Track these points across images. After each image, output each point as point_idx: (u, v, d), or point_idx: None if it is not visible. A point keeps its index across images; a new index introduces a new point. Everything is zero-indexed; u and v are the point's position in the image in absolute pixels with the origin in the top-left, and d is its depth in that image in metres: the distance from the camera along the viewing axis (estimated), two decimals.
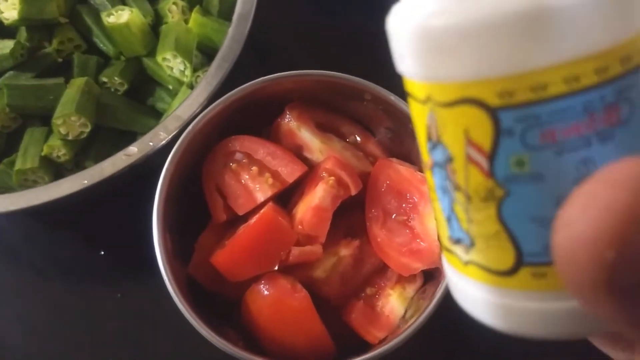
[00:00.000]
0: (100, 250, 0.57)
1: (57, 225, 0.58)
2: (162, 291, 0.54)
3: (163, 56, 0.52)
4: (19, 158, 0.51)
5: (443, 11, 0.17)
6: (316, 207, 0.41)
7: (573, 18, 0.16)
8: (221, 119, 0.44)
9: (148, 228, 0.51)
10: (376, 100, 0.43)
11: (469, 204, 0.19)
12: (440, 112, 0.18)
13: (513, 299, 0.19)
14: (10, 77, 0.52)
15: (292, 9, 0.64)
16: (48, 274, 0.56)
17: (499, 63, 0.17)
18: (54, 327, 0.55)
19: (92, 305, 0.56)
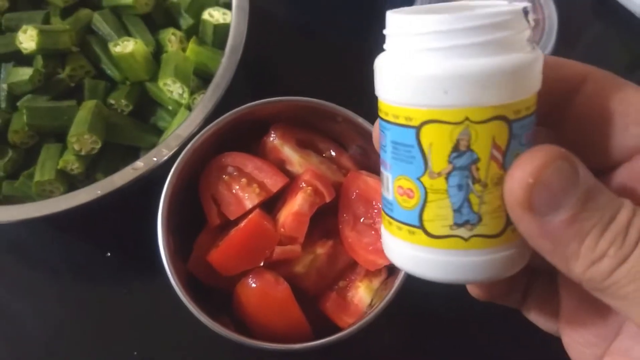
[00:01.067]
0: (107, 252, 0.63)
1: (70, 231, 0.64)
2: (165, 287, 0.60)
3: (164, 81, 0.59)
4: (38, 171, 0.57)
5: (481, 64, 0.25)
6: (296, 212, 0.48)
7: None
8: (216, 137, 0.51)
9: (151, 232, 0.58)
10: (347, 121, 0.51)
11: (484, 190, 0.26)
12: (476, 128, 0.26)
13: (500, 252, 0.28)
14: (29, 100, 0.59)
15: (279, 43, 0.71)
16: (62, 274, 0.62)
17: (514, 94, 0.26)
18: (66, 320, 0.60)
19: (101, 301, 0.61)
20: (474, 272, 0.28)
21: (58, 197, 0.52)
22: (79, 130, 0.56)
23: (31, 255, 0.64)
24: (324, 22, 0.74)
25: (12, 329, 0.61)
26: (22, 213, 0.51)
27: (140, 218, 0.61)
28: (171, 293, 0.60)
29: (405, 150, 0.27)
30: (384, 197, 0.30)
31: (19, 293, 0.63)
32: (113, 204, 0.59)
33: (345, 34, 0.73)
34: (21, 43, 0.59)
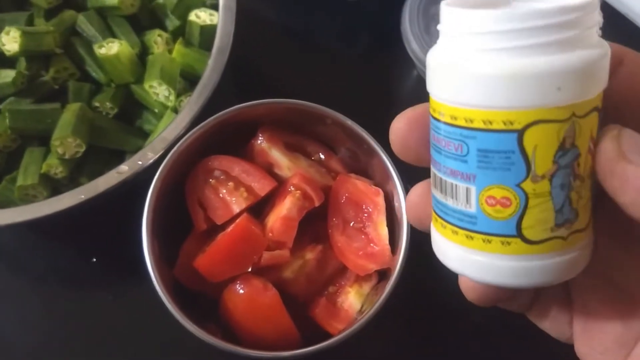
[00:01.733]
0: (92, 257, 0.62)
1: (53, 236, 0.63)
2: (150, 292, 0.59)
3: (150, 84, 0.58)
4: (20, 175, 0.56)
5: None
6: (284, 217, 0.47)
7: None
8: (202, 140, 0.50)
9: (137, 236, 0.57)
10: (336, 124, 0.50)
11: (582, 185, 0.26)
12: (580, 122, 0.25)
13: (588, 245, 0.27)
14: (12, 102, 0.57)
15: (266, 44, 0.71)
16: (45, 280, 0.61)
17: (603, 83, 0.26)
18: (51, 328, 0.59)
19: (86, 308, 0.60)
20: (574, 271, 0.27)
21: (41, 201, 0.50)
22: (63, 133, 0.55)
23: (14, 261, 0.62)
24: (312, 24, 0.74)
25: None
26: (5, 218, 0.50)
27: (126, 222, 0.60)
28: (157, 299, 0.59)
29: (502, 157, 0.25)
30: (458, 211, 0.27)
31: (1, 300, 0.61)
32: (98, 208, 0.58)
33: (334, 36, 0.72)
34: (4, 45, 0.58)
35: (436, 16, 0.63)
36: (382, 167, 0.48)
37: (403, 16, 0.63)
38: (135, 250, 0.60)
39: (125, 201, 0.57)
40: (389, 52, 0.69)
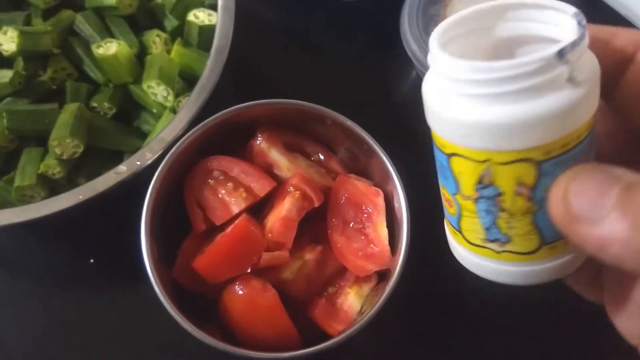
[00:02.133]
0: (90, 259, 0.62)
1: (50, 237, 0.62)
2: (148, 294, 0.59)
3: (148, 84, 0.58)
4: (18, 176, 0.56)
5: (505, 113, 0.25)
6: (284, 217, 0.47)
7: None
8: (201, 141, 0.50)
9: (135, 237, 0.57)
10: (336, 124, 0.50)
11: (511, 218, 0.28)
12: (498, 168, 0.26)
13: (535, 266, 0.29)
14: (9, 103, 0.57)
15: (265, 45, 0.70)
16: (42, 282, 0.60)
17: (541, 138, 0.25)
18: (47, 330, 0.59)
19: (83, 308, 0.60)
20: (509, 278, 0.31)
21: (38, 202, 0.50)
22: (61, 133, 0.54)
23: (10, 263, 0.62)
24: (311, 25, 0.73)
25: None
26: (2, 219, 0.49)
27: (124, 223, 0.59)
28: (156, 300, 0.58)
29: (442, 168, 0.29)
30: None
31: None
32: (96, 209, 0.58)
33: (334, 36, 0.72)
34: (1, 45, 0.57)
35: (435, 17, 0.63)
36: (381, 167, 0.48)
37: (402, 17, 0.62)
38: (133, 251, 0.60)
39: (123, 202, 0.57)
40: (388, 53, 0.69)
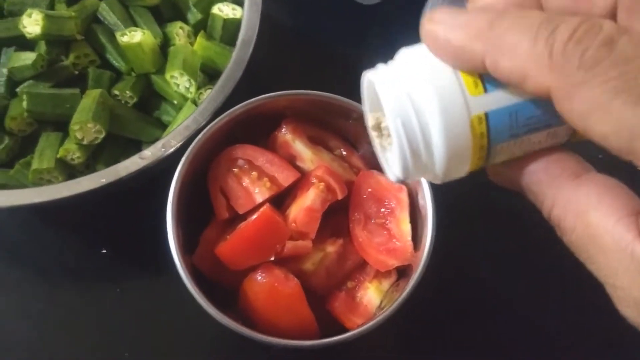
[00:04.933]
0: (102, 249, 0.61)
1: (62, 226, 0.62)
2: (159, 284, 0.59)
3: (171, 74, 0.58)
4: (36, 159, 0.55)
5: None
6: (308, 208, 0.47)
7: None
8: (226, 130, 0.50)
9: (148, 227, 0.57)
10: (361, 118, 0.50)
11: None
12: None
13: None
14: (30, 85, 0.57)
15: (290, 36, 0.71)
16: (51, 271, 0.60)
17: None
18: (56, 320, 0.58)
19: (91, 300, 0.59)
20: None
21: (60, 183, 0.50)
22: (83, 117, 0.54)
23: (20, 252, 0.61)
24: (327, 27, 0.74)
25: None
26: (23, 198, 0.49)
27: (140, 213, 0.59)
28: (164, 291, 0.58)
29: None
30: None
31: (3, 290, 0.60)
32: (111, 198, 0.58)
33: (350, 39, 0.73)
34: (25, 27, 0.57)
35: None
36: None
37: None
38: (147, 241, 0.60)
39: (139, 193, 0.57)
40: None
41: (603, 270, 0.24)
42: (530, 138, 0.26)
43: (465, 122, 0.25)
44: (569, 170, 0.26)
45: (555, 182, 0.26)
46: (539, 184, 0.27)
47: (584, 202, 0.25)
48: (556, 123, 0.26)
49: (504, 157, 0.27)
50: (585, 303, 0.55)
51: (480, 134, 0.26)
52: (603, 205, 0.24)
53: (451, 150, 0.26)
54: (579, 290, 0.58)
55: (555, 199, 0.26)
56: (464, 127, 0.25)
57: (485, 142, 0.26)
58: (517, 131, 0.26)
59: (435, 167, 0.26)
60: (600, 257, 0.24)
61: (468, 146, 0.26)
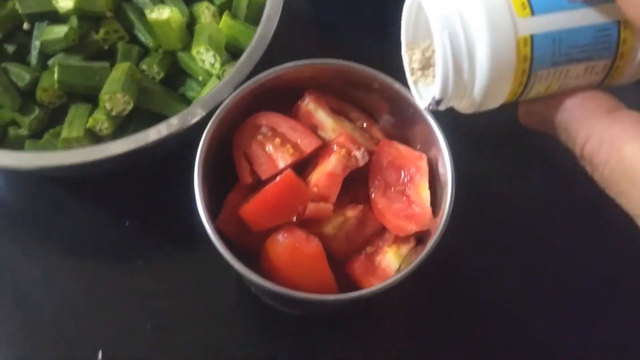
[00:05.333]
0: (125, 221, 0.63)
1: (85, 197, 0.64)
2: (181, 256, 0.61)
3: (197, 49, 0.60)
4: (65, 128, 0.57)
5: None
6: (329, 172, 0.48)
7: None
8: (250, 98, 0.51)
9: (169, 200, 0.59)
10: (382, 88, 0.51)
11: None
12: None
13: None
14: (62, 57, 0.59)
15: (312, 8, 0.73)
16: (77, 243, 0.62)
17: None
18: (80, 289, 0.60)
19: (116, 270, 0.61)
20: None
21: (92, 147, 0.51)
22: (113, 88, 0.56)
23: (43, 222, 0.63)
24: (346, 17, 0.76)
25: (20, 295, 0.60)
26: (56, 159, 0.51)
27: (159, 187, 0.62)
28: (189, 262, 0.60)
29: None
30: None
31: (31, 261, 0.62)
32: (133, 171, 0.60)
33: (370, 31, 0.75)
34: (57, 2, 0.59)
35: None
36: (426, 133, 0.50)
37: None
38: (168, 214, 0.62)
39: (158, 167, 0.59)
40: None
41: (634, 203, 0.25)
42: (569, 69, 0.27)
43: (511, 42, 0.25)
44: (604, 106, 0.27)
45: (591, 117, 0.27)
46: (573, 120, 0.28)
47: (619, 135, 0.26)
48: (596, 57, 0.27)
49: (540, 89, 0.28)
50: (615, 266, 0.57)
51: (524, 56, 0.26)
52: (639, 139, 0.25)
53: (495, 69, 0.26)
54: (604, 254, 0.60)
55: (590, 134, 0.27)
56: (509, 47, 0.25)
57: (528, 66, 0.26)
58: (558, 59, 0.26)
59: (474, 88, 0.26)
60: (632, 190, 0.25)
61: (511, 68, 0.26)
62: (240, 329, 0.59)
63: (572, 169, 0.34)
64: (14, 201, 0.65)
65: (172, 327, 0.59)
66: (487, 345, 0.59)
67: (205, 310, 0.59)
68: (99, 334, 0.58)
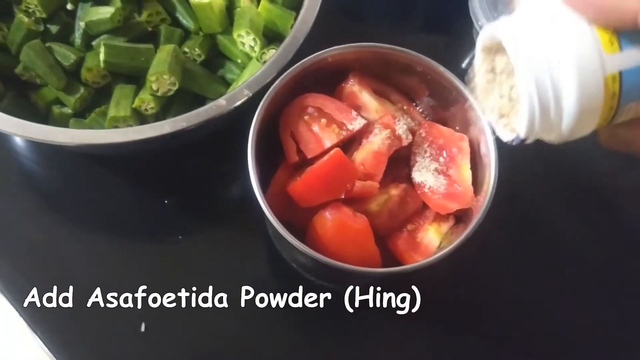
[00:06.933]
0: (164, 199, 0.65)
1: (124, 176, 0.66)
2: (217, 233, 0.63)
3: (239, 32, 0.61)
4: (112, 108, 0.59)
5: None
6: (375, 151, 0.50)
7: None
8: (296, 80, 0.53)
9: (207, 180, 0.60)
10: (426, 70, 0.53)
11: None
12: None
13: None
14: (108, 38, 0.61)
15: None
16: (118, 219, 0.64)
17: None
18: (119, 261, 0.62)
19: (154, 244, 0.63)
20: None
21: (144, 125, 0.53)
22: (160, 69, 0.58)
23: (83, 198, 0.65)
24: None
25: (62, 269, 0.62)
26: (109, 137, 0.52)
27: (197, 167, 0.63)
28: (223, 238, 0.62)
29: None
30: None
31: (75, 235, 0.64)
32: (170, 151, 0.61)
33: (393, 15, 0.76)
34: None
35: None
36: (467, 114, 0.52)
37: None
38: (205, 193, 0.64)
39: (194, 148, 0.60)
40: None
41: None
42: None
43: (599, 80, 0.25)
44: None
45: None
46: None
47: None
48: None
49: (626, 117, 0.27)
50: None
51: (612, 93, 0.25)
52: None
53: (582, 108, 0.25)
54: None
55: None
56: (597, 86, 0.25)
57: (616, 102, 0.26)
58: None
59: (561, 125, 0.26)
60: None
61: (599, 105, 0.26)
62: (277, 304, 0.61)
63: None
64: (54, 178, 0.66)
65: (210, 301, 0.60)
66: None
67: (243, 286, 0.61)
68: (141, 307, 0.60)
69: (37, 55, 0.59)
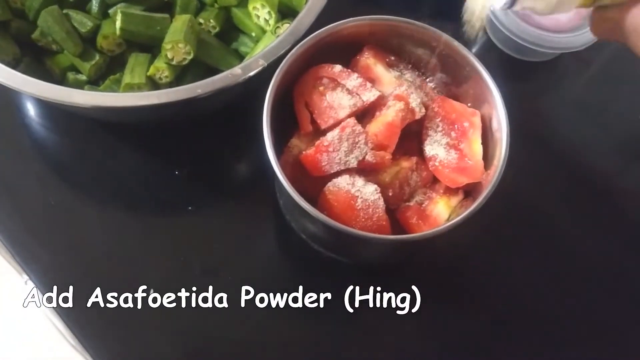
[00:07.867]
0: (175, 170, 0.65)
1: (135, 145, 0.66)
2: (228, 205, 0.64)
3: (254, 5, 0.62)
4: (127, 75, 0.59)
5: None
6: (389, 123, 0.51)
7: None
8: (311, 51, 0.53)
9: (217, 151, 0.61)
10: (440, 45, 0.53)
11: None
12: None
13: None
14: (125, 6, 0.61)
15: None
16: (130, 189, 0.64)
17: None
18: (132, 230, 0.63)
19: (166, 214, 0.64)
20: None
21: (159, 91, 0.53)
22: (175, 37, 0.58)
23: (96, 167, 0.66)
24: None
25: (75, 235, 0.62)
26: (125, 100, 0.53)
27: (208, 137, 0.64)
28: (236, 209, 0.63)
29: None
30: None
31: (88, 204, 0.64)
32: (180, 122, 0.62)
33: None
34: None
35: None
36: (480, 89, 0.52)
37: None
38: (215, 164, 0.64)
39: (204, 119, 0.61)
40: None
41: None
42: None
43: None
44: None
45: None
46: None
47: None
48: None
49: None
50: None
51: None
52: None
53: None
54: None
55: None
56: None
57: None
58: None
59: None
60: None
61: None
62: (286, 275, 0.62)
63: None
64: (68, 146, 0.67)
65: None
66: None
67: (251, 255, 0.62)
68: (149, 274, 0.60)
69: (55, 21, 0.60)
